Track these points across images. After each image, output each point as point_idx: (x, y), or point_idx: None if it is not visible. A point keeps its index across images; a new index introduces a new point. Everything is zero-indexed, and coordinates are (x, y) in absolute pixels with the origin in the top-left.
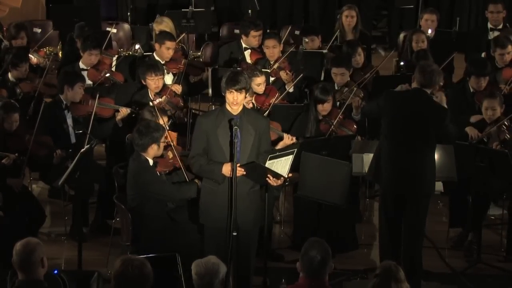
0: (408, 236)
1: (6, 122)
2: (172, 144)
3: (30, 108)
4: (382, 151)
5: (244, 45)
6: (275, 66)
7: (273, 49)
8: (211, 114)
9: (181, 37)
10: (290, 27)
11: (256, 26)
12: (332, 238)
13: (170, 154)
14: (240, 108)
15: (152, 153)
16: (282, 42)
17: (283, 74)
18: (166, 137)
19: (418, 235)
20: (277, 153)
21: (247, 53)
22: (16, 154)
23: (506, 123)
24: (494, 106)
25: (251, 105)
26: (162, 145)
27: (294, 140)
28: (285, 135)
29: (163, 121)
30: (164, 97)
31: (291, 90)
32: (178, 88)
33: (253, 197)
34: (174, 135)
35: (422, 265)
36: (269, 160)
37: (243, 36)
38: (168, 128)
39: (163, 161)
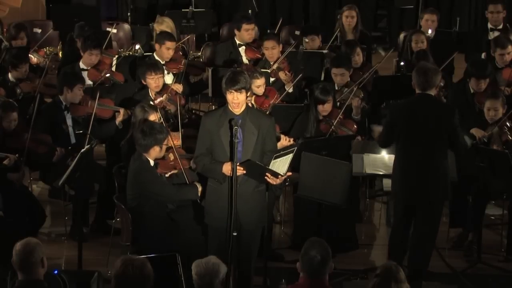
0: (417, 243)
1: (5, 121)
2: (173, 146)
3: (30, 108)
4: (396, 161)
5: (238, 42)
6: (274, 66)
7: (272, 50)
8: (214, 114)
9: (185, 39)
10: (281, 20)
11: (248, 19)
12: (332, 238)
13: (171, 156)
14: (243, 107)
15: (153, 154)
16: (280, 41)
17: (282, 75)
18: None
19: (429, 242)
20: (281, 152)
21: (241, 50)
22: (17, 155)
23: (508, 123)
24: (496, 107)
25: (250, 105)
26: (164, 147)
27: (292, 141)
28: (283, 137)
29: (155, 117)
30: (165, 95)
31: (290, 90)
32: (179, 88)
33: (257, 197)
34: (176, 136)
35: (427, 268)
36: (273, 159)
37: (236, 32)
38: (162, 123)
39: (164, 163)
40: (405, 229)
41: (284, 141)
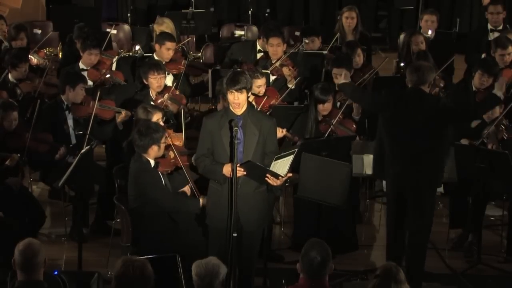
0: (411, 238)
1: (5, 120)
2: (172, 143)
3: (30, 108)
4: (385, 149)
5: (258, 47)
6: (277, 63)
7: (277, 47)
8: (215, 115)
9: (185, 40)
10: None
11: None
12: (332, 239)
13: (171, 154)
14: (244, 108)
15: (152, 154)
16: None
17: (285, 70)
18: (166, 138)
19: (421, 237)
20: (282, 154)
21: (259, 55)
22: (19, 155)
23: (504, 122)
24: None
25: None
26: (162, 146)
27: (285, 131)
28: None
29: (158, 117)
30: (166, 95)
31: (293, 87)
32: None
33: (258, 198)
34: (176, 136)
35: (423, 267)
36: (274, 160)
37: (262, 38)
38: (162, 124)
39: (164, 161)
40: (398, 228)
41: (279, 133)
